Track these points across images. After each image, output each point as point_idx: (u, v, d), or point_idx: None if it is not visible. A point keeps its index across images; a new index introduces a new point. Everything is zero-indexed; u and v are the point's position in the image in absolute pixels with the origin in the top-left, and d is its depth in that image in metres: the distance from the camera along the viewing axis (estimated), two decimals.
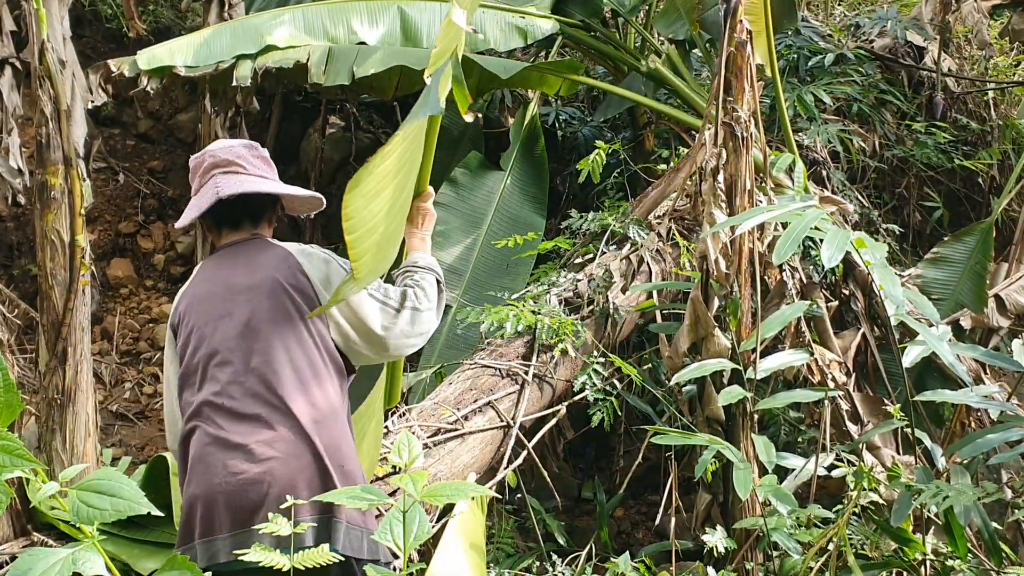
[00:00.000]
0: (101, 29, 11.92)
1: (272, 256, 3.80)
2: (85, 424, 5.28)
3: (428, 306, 3.93)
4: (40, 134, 5.19)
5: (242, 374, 3.66)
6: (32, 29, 5.17)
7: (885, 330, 6.35)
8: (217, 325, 3.74)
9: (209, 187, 3.89)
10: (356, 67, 7.62)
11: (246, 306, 3.70)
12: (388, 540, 2.00)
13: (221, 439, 3.60)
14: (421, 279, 4.01)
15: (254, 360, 3.65)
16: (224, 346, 3.70)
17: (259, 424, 3.59)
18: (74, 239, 5.16)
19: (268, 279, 3.71)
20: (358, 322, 3.78)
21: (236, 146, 3.96)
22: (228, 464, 3.57)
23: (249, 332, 3.68)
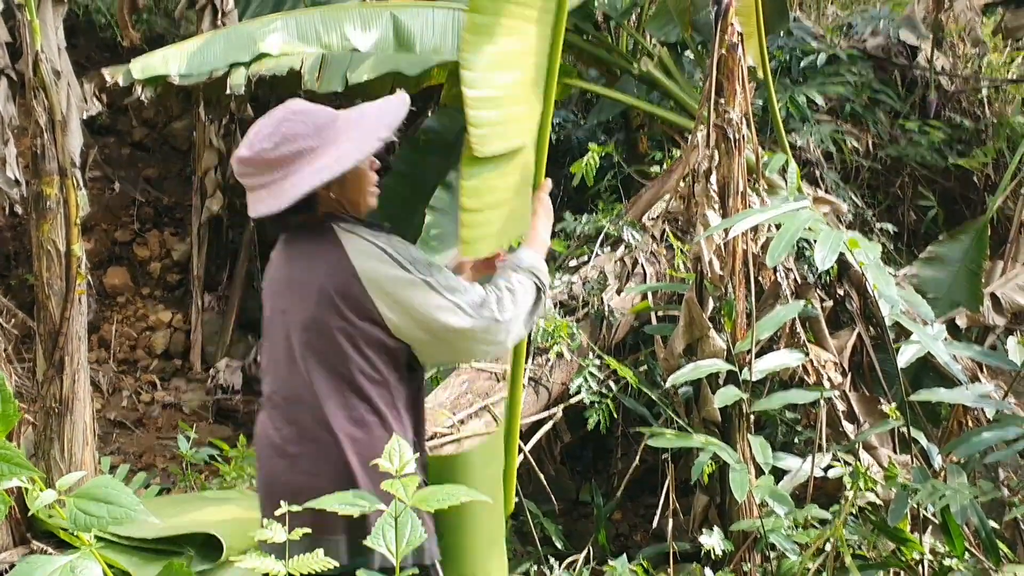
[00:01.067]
0: (95, 38, 11.92)
1: (328, 253, 3.56)
2: (83, 432, 5.29)
3: (510, 316, 3.62)
4: (35, 144, 5.20)
5: (283, 381, 3.68)
6: (26, 40, 5.18)
7: (880, 330, 6.36)
8: (274, 322, 3.73)
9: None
10: (349, 73, 7.63)
11: (296, 307, 3.61)
12: (381, 546, 2.00)
13: (272, 441, 3.67)
14: (516, 283, 3.70)
15: (293, 370, 3.61)
16: (277, 349, 3.70)
17: (295, 432, 3.60)
18: (70, 248, 5.16)
19: (318, 284, 3.54)
20: (419, 323, 3.54)
21: (238, 158, 3.65)
22: (273, 467, 3.64)
23: (295, 338, 3.61)
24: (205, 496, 5.16)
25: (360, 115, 3.68)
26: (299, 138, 3.48)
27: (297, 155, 3.47)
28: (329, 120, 3.59)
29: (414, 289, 3.45)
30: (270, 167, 3.49)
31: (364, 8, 8.32)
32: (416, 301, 3.45)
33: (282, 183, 3.48)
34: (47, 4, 5.71)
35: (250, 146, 3.51)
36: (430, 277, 3.47)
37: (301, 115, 3.57)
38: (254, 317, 11.19)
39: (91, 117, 7.82)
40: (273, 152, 3.47)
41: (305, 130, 3.51)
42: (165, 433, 9.77)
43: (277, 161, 3.47)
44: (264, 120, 3.59)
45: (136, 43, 8.59)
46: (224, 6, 9.66)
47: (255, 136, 3.53)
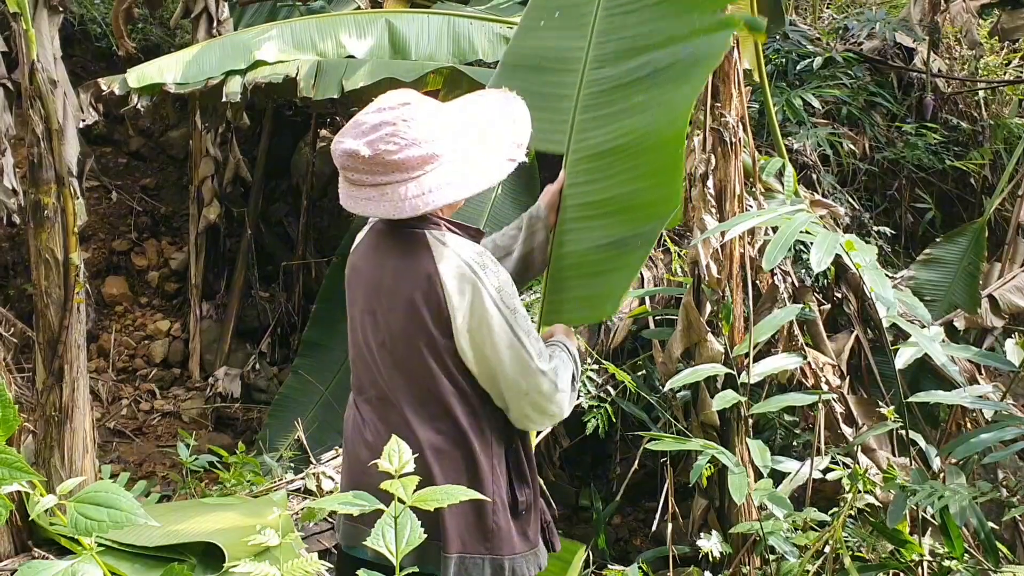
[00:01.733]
0: (91, 48, 11.94)
1: (419, 265, 3.41)
2: (83, 441, 5.30)
3: (563, 388, 3.52)
4: (32, 154, 5.21)
5: (372, 380, 3.59)
6: (22, 50, 5.19)
7: (878, 332, 6.37)
8: (364, 320, 3.59)
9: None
10: (345, 80, 7.63)
11: (385, 315, 3.49)
12: (380, 546, 2.01)
13: (361, 436, 3.62)
14: (561, 361, 3.58)
15: (382, 377, 3.54)
16: (365, 347, 3.60)
17: (385, 429, 3.51)
18: (68, 257, 5.17)
19: (406, 296, 3.42)
20: (491, 360, 3.43)
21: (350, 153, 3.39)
22: (359, 458, 3.61)
23: (383, 346, 3.52)
24: (205, 503, 5.17)
25: (488, 123, 3.62)
26: (424, 143, 3.32)
27: (421, 162, 3.32)
28: (452, 123, 3.50)
29: (494, 327, 3.37)
30: (388, 169, 3.31)
31: (359, 15, 8.33)
32: (491, 339, 3.38)
33: (399, 188, 3.33)
34: (42, 14, 5.73)
35: (370, 144, 3.30)
36: (514, 322, 3.40)
37: (425, 115, 3.39)
38: (252, 325, 11.26)
39: (88, 127, 7.82)
40: (396, 155, 3.29)
41: (431, 135, 3.35)
42: (165, 441, 9.79)
43: (398, 165, 3.31)
44: (383, 114, 3.37)
45: (132, 53, 8.60)
46: (219, 15, 9.69)
47: (375, 133, 3.32)
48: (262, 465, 6.33)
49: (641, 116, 4.31)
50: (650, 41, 4.46)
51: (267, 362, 11.05)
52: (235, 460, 6.20)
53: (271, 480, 5.99)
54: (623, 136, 4.32)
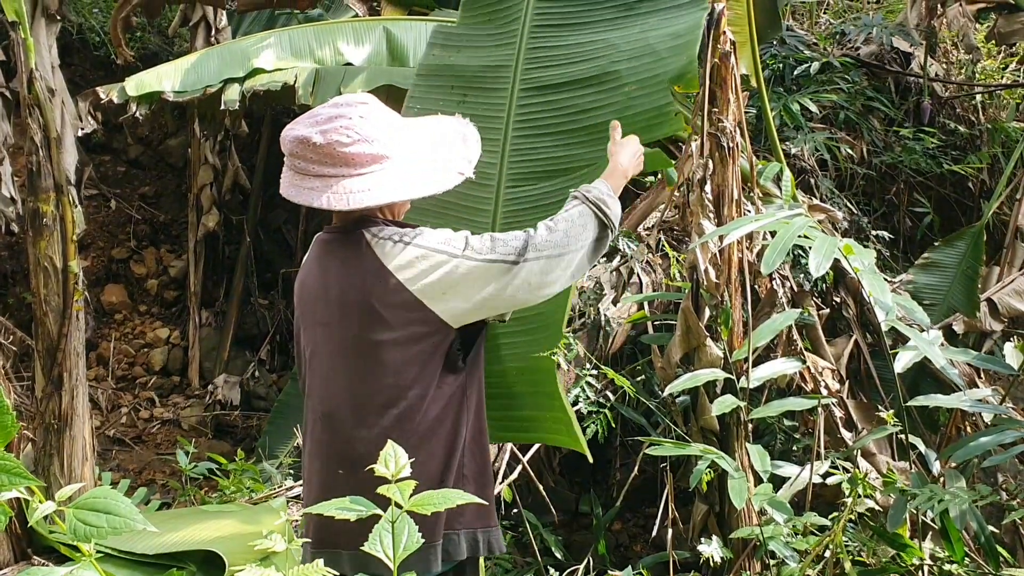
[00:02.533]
0: (89, 57, 11.95)
1: (362, 267, 3.44)
2: (82, 448, 5.30)
3: (557, 251, 3.49)
4: (31, 162, 5.22)
5: (331, 397, 3.58)
6: (20, 58, 5.19)
7: (877, 336, 6.37)
8: (316, 332, 3.60)
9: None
10: (343, 88, 7.62)
11: (339, 323, 3.49)
12: (378, 551, 2.00)
13: (316, 455, 3.63)
14: (565, 220, 3.57)
15: (336, 388, 3.55)
16: (320, 360, 3.60)
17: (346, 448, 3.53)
18: (67, 265, 5.18)
19: (357, 301, 3.43)
20: (470, 299, 3.45)
21: (301, 139, 3.41)
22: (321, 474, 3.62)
23: (337, 355, 3.53)
24: (205, 510, 5.17)
25: (441, 137, 3.65)
26: (376, 143, 3.38)
27: (371, 160, 3.37)
28: (402, 129, 3.55)
29: (455, 270, 3.37)
30: (337, 162, 3.35)
31: (357, 23, 8.33)
32: (461, 282, 3.40)
33: (343, 182, 3.36)
34: (40, 23, 5.73)
35: (323, 134, 3.34)
36: (464, 250, 3.40)
37: (378, 117, 3.46)
38: (252, 333, 11.25)
39: (86, 135, 7.83)
40: (347, 148, 3.33)
41: (382, 136, 3.41)
42: (164, 449, 9.79)
43: (347, 158, 3.35)
44: (340, 108, 3.42)
45: (130, 61, 8.60)
46: (217, 23, 9.71)
47: (329, 124, 3.37)
48: (261, 472, 6.33)
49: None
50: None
51: (266, 369, 11.06)
52: (234, 467, 6.20)
53: (271, 487, 5.99)
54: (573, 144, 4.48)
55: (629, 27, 4.52)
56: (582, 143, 4.44)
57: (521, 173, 4.50)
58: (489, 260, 3.40)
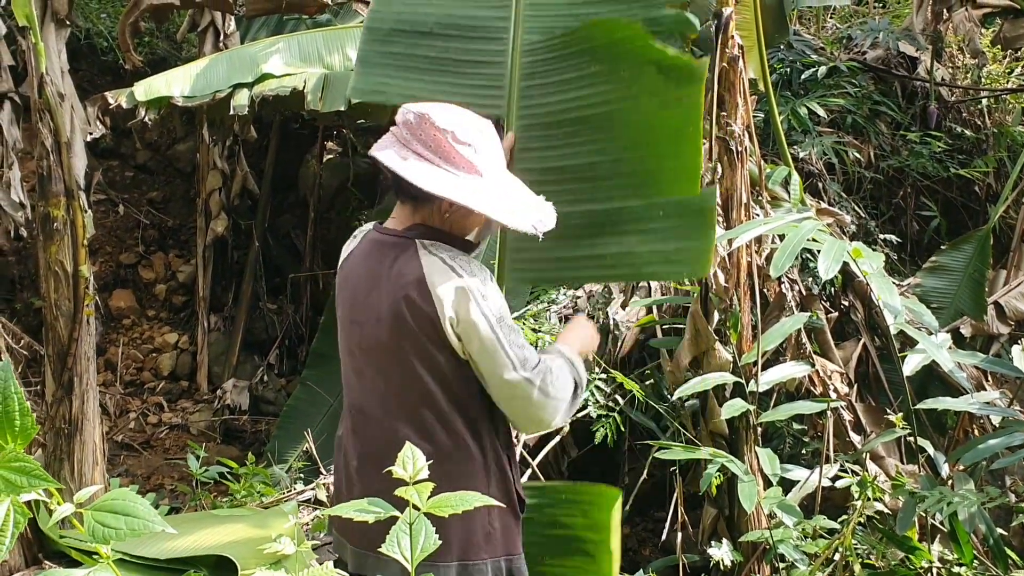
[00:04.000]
0: (98, 62, 11.95)
1: (408, 272, 3.42)
2: (93, 453, 5.31)
3: (555, 395, 3.45)
4: (41, 167, 5.23)
5: (359, 394, 3.63)
6: (31, 63, 5.21)
7: (886, 340, 6.37)
8: (352, 330, 3.62)
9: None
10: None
11: (373, 325, 3.50)
12: (396, 553, 2.01)
13: (348, 445, 3.67)
14: (558, 368, 3.52)
15: (367, 387, 3.58)
16: (350, 356, 3.64)
17: (373, 447, 3.57)
18: (77, 269, 5.19)
19: (391, 306, 3.43)
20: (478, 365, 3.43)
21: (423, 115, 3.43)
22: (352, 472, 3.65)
23: (370, 353, 3.54)
24: (216, 515, 5.17)
25: (527, 190, 3.66)
26: (481, 155, 3.41)
27: (468, 167, 3.39)
28: (503, 163, 3.60)
29: (480, 333, 3.35)
30: (439, 150, 3.39)
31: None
32: (477, 344, 3.37)
33: (433, 167, 3.38)
34: (50, 28, 5.75)
35: (447, 121, 3.38)
36: (499, 329, 3.37)
37: (494, 141, 3.53)
38: (260, 337, 11.27)
39: (95, 140, 7.83)
40: (456, 144, 3.37)
41: (489, 156, 3.46)
42: (173, 454, 9.79)
43: (451, 152, 3.38)
44: (468, 114, 3.50)
45: (138, 66, 8.60)
46: (226, 28, 9.71)
47: (454, 117, 3.42)
48: (271, 476, 6.34)
49: (604, 86, 4.44)
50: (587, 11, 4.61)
51: (275, 374, 11.06)
52: (244, 471, 6.21)
53: (281, 491, 5.99)
54: (585, 106, 4.45)
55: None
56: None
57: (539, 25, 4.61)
58: (505, 351, 3.39)
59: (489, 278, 3.46)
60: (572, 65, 4.54)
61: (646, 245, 4.25)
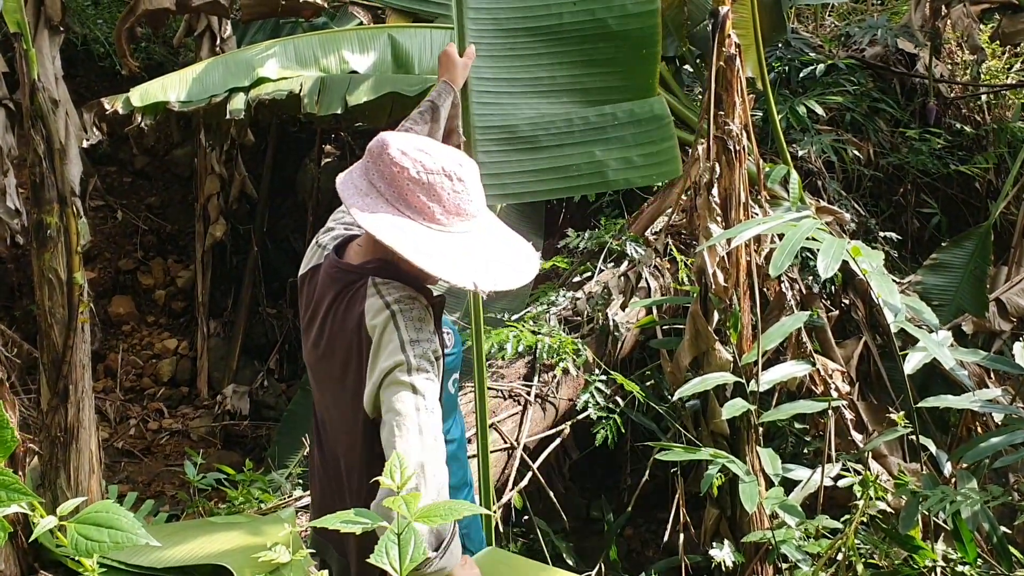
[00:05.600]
0: (94, 68, 11.94)
1: (354, 314, 3.25)
2: (89, 461, 5.28)
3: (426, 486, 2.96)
4: (35, 174, 5.20)
5: (319, 404, 3.57)
6: (23, 69, 5.18)
7: (887, 338, 6.35)
8: (307, 343, 3.53)
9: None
10: (349, 96, 7.60)
11: (316, 344, 3.42)
12: (385, 563, 1.98)
13: (316, 458, 3.63)
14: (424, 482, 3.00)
15: (318, 395, 3.55)
16: (311, 369, 3.57)
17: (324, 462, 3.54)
18: (71, 277, 5.16)
19: (338, 343, 3.31)
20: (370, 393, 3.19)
21: (392, 145, 3.21)
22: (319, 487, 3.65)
23: (318, 374, 3.49)
24: (213, 522, 5.15)
25: (495, 239, 3.32)
26: (438, 198, 3.16)
27: (419, 206, 3.16)
28: (474, 214, 3.25)
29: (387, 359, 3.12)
30: (393, 183, 3.17)
31: (362, 31, 8.32)
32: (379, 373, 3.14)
33: (384, 203, 3.18)
34: (43, 34, 5.71)
35: (405, 156, 3.16)
36: (413, 373, 3.09)
37: (464, 183, 3.21)
38: (260, 343, 11.25)
39: (92, 146, 7.81)
40: (409, 181, 3.16)
41: (454, 204, 3.18)
42: (173, 461, 9.77)
43: (403, 189, 3.17)
44: (436, 150, 3.23)
45: (135, 72, 8.58)
46: (222, 32, 9.69)
47: (416, 152, 3.17)
48: (271, 482, 6.32)
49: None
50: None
51: (275, 379, 11.05)
52: (243, 478, 6.19)
53: (280, 497, 5.97)
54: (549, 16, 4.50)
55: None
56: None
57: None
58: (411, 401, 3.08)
59: (430, 332, 3.23)
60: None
61: (610, 154, 4.31)
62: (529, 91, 4.40)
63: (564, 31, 4.51)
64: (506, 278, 3.20)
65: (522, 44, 4.46)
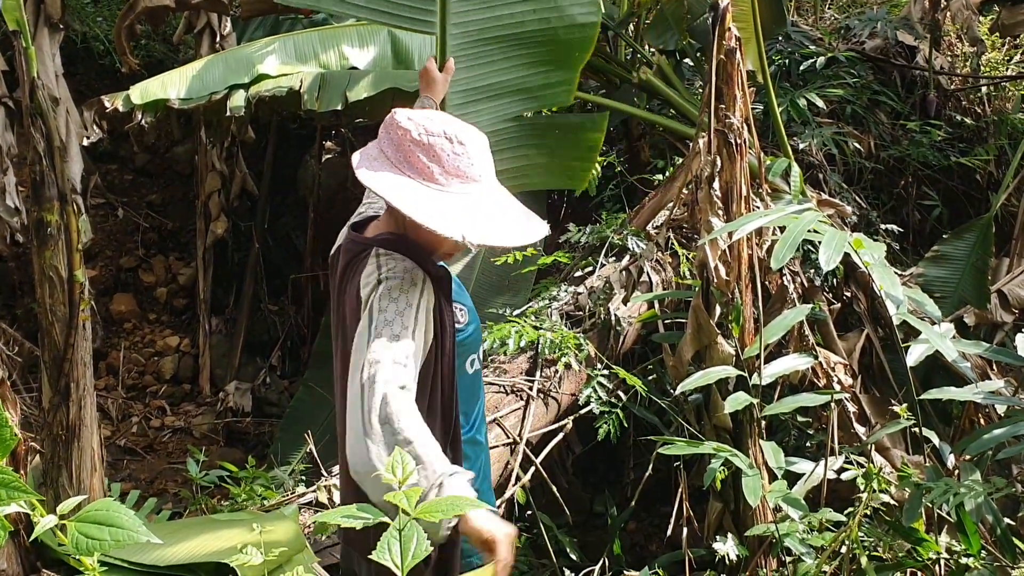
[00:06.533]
0: (94, 66, 11.93)
1: (355, 282, 3.35)
2: (91, 459, 5.27)
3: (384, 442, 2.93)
4: (35, 172, 5.20)
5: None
6: (22, 68, 5.17)
7: (889, 330, 6.35)
8: (332, 319, 3.65)
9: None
10: (349, 92, 7.60)
11: (337, 319, 3.54)
12: (387, 559, 1.97)
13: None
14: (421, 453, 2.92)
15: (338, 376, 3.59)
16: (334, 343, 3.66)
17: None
18: (72, 275, 5.15)
19: (344, 308, 3.42)
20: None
21: (398, 118, 3.35)
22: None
23: (339, 358, 3.54)
24: (216, 519, 5.14)
25: (495, 203, 3.36)
26: (438, 159, 3.26)
27: (421, 168, 3.27)
28: (475, 178, 3.32)
29: (363, 322, 3.20)
30: (399, 147, 3.30)
31: (361, 26, 8.31)
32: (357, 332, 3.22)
33: (388, 165, 3.29)
34: (43, 32, 5.72)
35: (409, 120, 3.30)
36: (383, 329, 3.14)
37: (469, 148, 3.31)
38: (262, 339, 11.25)
39: (93, 144, 7.81)
40: (411, 143, 3.28)
41: (456, 162, 3.27)
42: (176, 458, 9.78)
43: (407, 151, 3.28)
44: (440, 119, 3.35)
45: (135, 69, 8.57)
46: (222, 29, 9.68)
47: (420, 117, 3.32)
48: (274, 479, 6.31)
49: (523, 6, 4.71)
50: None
51: (277, 375, 11.05)
52: (245, 475, 6.18)
53: (283, 494, 5.97)
54: (514, 24, 4.67)
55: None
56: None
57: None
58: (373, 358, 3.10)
59: (406, 304, 3.23)
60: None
61: (539, 159, 4.49)
62: (492, 95, 4.57)
63: (523, 37, 4.66)
64: (499, 235, 3.26)
65: (491, 51, 4.61)
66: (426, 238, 3.38)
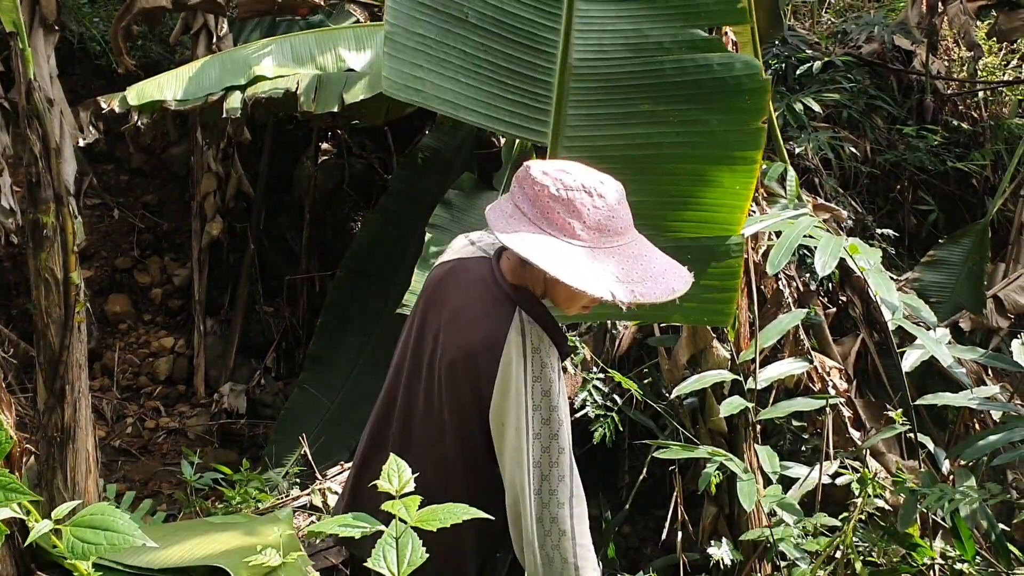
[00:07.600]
0: (90, 66, 11.90)
1: (491, 325, 3.25)
2: (86, 461, 5.26)
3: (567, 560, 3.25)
4: (30, 173, 5.19)
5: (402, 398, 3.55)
6: (18, 69, 5.17)
7: (884, 335, 6.35)
8: (425, 334, 3.49)
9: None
10: (345, 93, 7.59)
11: (441, 355, 3.37)
12: (382, 567, 1.97)
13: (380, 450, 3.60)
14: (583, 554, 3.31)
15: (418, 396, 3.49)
16: (402, 363, 3.57)
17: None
18: (68, 276, 5.15)
19: (466, 348, 3.28)
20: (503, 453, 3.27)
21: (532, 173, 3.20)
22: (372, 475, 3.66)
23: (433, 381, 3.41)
24: (210, 522, 5.14)
25: (638, 256, 3.21)
26: (582, 218, 3.12)
27: (560, 223, 3.12)
28: (619, 232, 3.18)
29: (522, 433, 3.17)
30: (536, 202, 3.15)
31: (358, 29, 8.30)
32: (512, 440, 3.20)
33: (525, 221, 3.14)
34: (39, 33, 5.72)
35: (546, 175, 3.16)
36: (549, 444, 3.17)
37: (608, 208, 3.15)
38: (257, 340, 11.22)
39: (88, 145, 7.79)
40: (549, 199, 3.14)
41: (594, 220, 3.13)
42: (171, 459, 9.75)
43: (545, 207, 3.14)
44: (580, 171, 3.21)
45: (132, 70, 8.56)
46: (219, 31, 9.67)
47: (558, 171, 3.18)
48: (268, 481, 6.30)
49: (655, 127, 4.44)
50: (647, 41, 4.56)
51: (272, 377, 11.02)
52: (239, 477, 6.17)
53: (277, 496, 5.96)
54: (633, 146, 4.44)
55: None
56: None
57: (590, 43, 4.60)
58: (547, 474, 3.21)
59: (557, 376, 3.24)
60: (623, 99, 4.54)
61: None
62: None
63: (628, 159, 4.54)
64: (646, 291, 3.11)
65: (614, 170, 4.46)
66: (565, 294, 3.28)
